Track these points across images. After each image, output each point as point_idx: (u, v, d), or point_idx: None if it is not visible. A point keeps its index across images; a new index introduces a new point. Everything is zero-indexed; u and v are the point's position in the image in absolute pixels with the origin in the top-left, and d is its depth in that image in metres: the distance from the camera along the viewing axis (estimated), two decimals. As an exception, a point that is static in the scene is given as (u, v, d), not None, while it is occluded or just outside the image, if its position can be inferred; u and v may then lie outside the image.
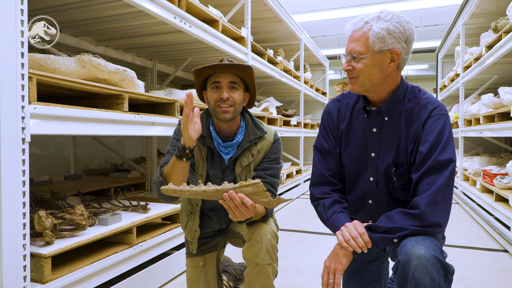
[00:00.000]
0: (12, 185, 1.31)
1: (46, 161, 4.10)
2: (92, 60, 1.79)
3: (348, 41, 1.35)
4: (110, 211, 2.20)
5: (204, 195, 1.22)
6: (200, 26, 2.65)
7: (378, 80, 1.34)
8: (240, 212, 1.25)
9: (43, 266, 1.49)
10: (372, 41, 1.29)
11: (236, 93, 1.53)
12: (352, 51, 1.32)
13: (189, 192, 1.21)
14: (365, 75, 1.32)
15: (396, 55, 1.30)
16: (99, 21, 2.69)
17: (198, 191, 1.21)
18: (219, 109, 1.51)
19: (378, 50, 1.29)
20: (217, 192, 1.22)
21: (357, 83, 1.35)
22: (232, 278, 2.03)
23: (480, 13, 4.83)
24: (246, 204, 1.23)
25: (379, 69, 1.31)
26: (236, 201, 1.22)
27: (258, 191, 1.22)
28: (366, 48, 1.30)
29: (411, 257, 1.13)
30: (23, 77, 1.34)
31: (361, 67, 1.31)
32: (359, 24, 1.32)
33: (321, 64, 7.71)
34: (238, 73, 1.53)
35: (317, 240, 3.14)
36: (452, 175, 1.25)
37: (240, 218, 1.28)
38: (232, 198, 1.22)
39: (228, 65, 1.48)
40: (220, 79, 1.51)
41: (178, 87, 5.15)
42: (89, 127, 1.69)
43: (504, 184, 3.56)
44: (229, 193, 1.22)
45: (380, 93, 1.38)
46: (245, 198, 1.22)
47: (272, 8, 4.28)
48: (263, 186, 1.22)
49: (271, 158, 1.61)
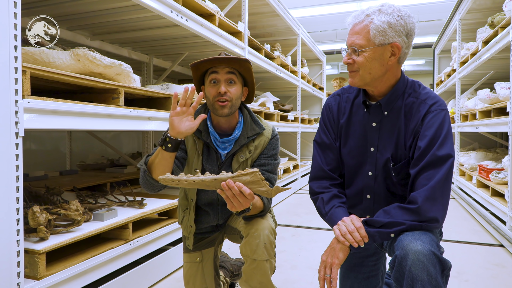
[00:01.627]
0: (5, 180, 1.30)
1: (42, 156, 4.07)
2: (87, 54, 1.76)
3: (349, 34, 1.34)
4: (105, 206, 2.19)
5: (202, 185, 1.22)
6: (197, 20, 2.62)
7: (379, 74, 1.33)
8: (238, 201, 1.24)
9: (37, 262, 1.48)
10: (373, 34, 1.28)
11: (234, 88, 1.51)
12: (353, 44, 1.30)
13: (187, 182, 1.21)
14: (366, 69, 1.31)
15: (396, 48, 1.30)
16: (95, 14, 2.66)
17: (196, 181, 1.20)
18: (217, 104, 1.49)
19: (379, 44, 1.28)
20: (215, 181, 1.21)
21: (357, 76, 1.34)
22: (229, 273, 2.03)
23: (476, 9, 4.83)
24: (244, 193, 1.22)
25: (379, 62, 1.31)
26: (234, 190, 1.21)
27: (256, 180, 1.22)
28: (367, 41, 1.29)
29: (408, 252, 1.13)
30: (17, 70, 1.32)
31: (362, 61, 1.30)
32: (360, 17, 1.31)
33: (318, 59, 7.69)
34: (236, 67, 1.51)
35: (314, 235, 3.14)
36: (450, 171, 1.24)
37: (238, 207, 1.27)
38: (230, 187, 1.21)
39: (225, 58, 1.47)
40: (217, 73, 1.50)
41: (175, 81, 5.12)
42: (84, 122, 1.67)
43: (500, 179, 3.57)
44: (227, 182, 1.21)
45: (380, 87, 1.37)
46: (243, 187, 1.22)
47: (269, 3, 4.25)
48: (261, 175, 1.22)
49: (269, 154, 1.60)
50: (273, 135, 1.62)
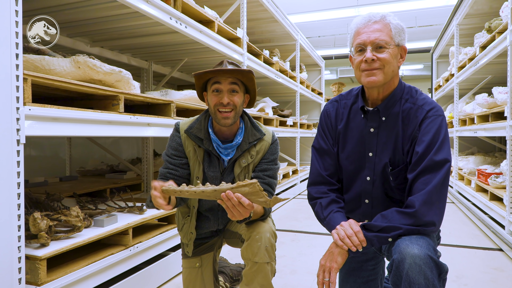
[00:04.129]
0: (7, 187, 1.31)
1: (42, 162, 4.07)
2: (87, 61, 1.78)
3: (365, 32, 1.33)
4: (105, 212, 2.19)
5: (203, 195, 1.25)
6: (196, 27, 2.65)
7: (394, 74, 1.36)
8: (238, 211, 1.26)
9: (38, 268, 1.49)
10: (394, 33, 1.32)
11: (236, 96, 1.53)
12: (378, 39, 1.30)
13: (188, 193, 1.24)
14: (390, 66, 1.32)
15: (404, 52, 1.36)
16: (95, 21, 2.68)
17: (197, 191, 1.24)
18: (220, 115, 1.51)
19: (397, 43, 1.33)
20: (215, 192, 1.24)
21: (380, 74, 1.32)
22: (229, 279, 2.03)
23: (474, 14, 4.86)
24: (243, 203, 1.24)
25: (395, 63, 1.34)
26: (233, 201, 1.24)
27: (255, 191, 1.24)
28: (390, 38, 1.32)
29: (405, 256, 1.14)
30: (18, 78, 1.34)
31: (387, 57, 1.31)
32: (377, 16, 1.33)
33: (317, 64, 7.72)
34: (239, 77, 1.53)
35: (313, 240, 3.14)
36: (447, 175, 1.26)
37: (238, 217, 1.29)
38: (230, 198, 1.23)
39: (228, 70, 1.49)
40: (220, 83, 1.52)
41: (174, 87, 5.14)
42: (85, 128, 1.68)
43: (498, 183, 3.59)
44: (226, 193, 1.23)
45: (385, 90, 1.39)
46: (242, 198, 1.24)
47: (268, 9, 4.28)
48: (259, 186, 1.23)
49: (270, 159, 1.62)
50: (273, 140, 1.64)
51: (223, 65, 1.54)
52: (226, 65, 1.53)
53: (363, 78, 1.35)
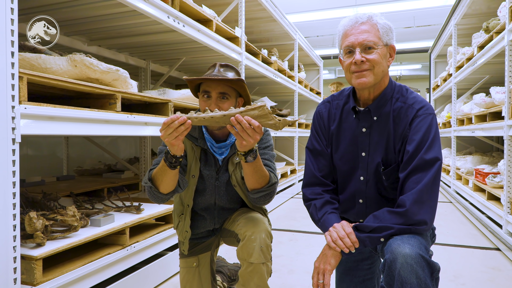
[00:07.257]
0: (2, 186, 1.30)
1: (38, 161, 4.06)
2: (84, 59, 1.77)
3: (352, 34, 1.33)
4: (102, 212, 2.18)
5: (212, 121, 1.26)
6: (194, 26, 2.64)
7: (384, 74, 1.36)
8: (248, 135, 1.25)
9: (34, 268, 1.48)
10: (382, 33, 1.32)
11: (226, 103, 1.50)
12: (366, 41, 1.30)
13: (197, 119, 1.25)
14: (379, 66, 1.32)
15: (393, 51, 1.35)
16: (92, 20, 2.67)
17: (206, 118, 1.25)
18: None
19: (385, 43, 1.33)
20: (224, 117, 1.25)
21: (371, 74, 1.32)
22: (227, 278, 2.03)
23: (472, 14, 4.87)
24: (253, 125, 1.24)
25: (385, 62, 1.34)
26: (243, 124, 1.23)
27: (264, 114, 1.24)
28: (378, 38, 1.32)
29: (397, 256, 1.14)
30: (13, 76, 1.33)
31: (376, 58, 1.31)
32: (363, 18, 1.33)
33: (315, 64, 7.72)
34: (228, 85, 1.51)
35: (311, 240, 3.14)
36: (438, 174, 1.26)
37: (248, 142, 1.27)
38: (239, 121, 1.23)
39: (217, 79, 1.46)
40: (210, 89, 1.49)
41: (172, 86, 5.13)
42: (81, 127, 1.67)
43: (496, 183, 3.59)
44: (236, 116, 1.24)
45: (376, 90, 1.39)
46: (252, 120, 1.24)
47: (266, 8, 4.27)
48: (268, 109, 1.24)
49: (261, 147, 1.61)
50: (263, 131, 1.63)
51: (215, 69, 1.51)
52: (218, 69, 1.51)
53: (354, 80, 1.35)
